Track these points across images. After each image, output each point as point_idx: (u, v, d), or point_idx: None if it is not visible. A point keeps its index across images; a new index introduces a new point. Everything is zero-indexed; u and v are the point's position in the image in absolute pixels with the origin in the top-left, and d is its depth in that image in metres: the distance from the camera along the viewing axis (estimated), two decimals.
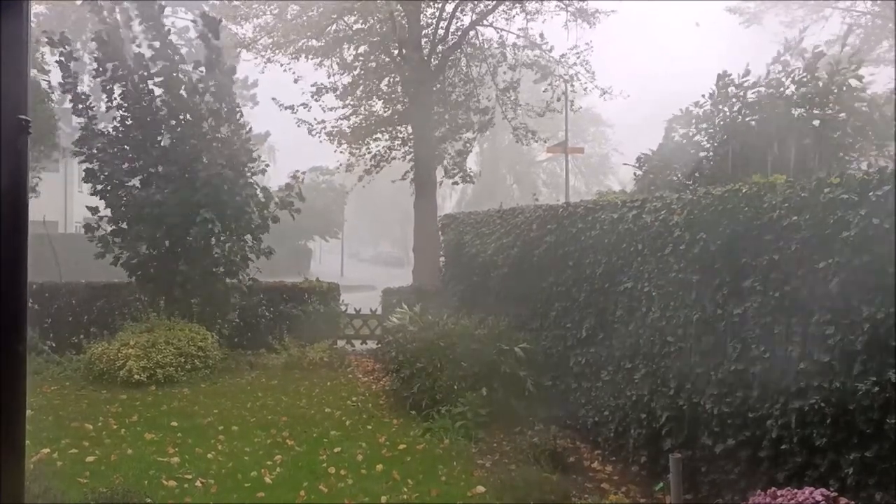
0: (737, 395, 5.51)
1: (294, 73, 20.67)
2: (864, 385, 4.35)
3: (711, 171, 8.61)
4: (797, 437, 4.88)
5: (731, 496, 5.51)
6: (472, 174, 21.28)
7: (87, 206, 12.78)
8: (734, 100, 8.87)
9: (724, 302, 5.73)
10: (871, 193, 4.44)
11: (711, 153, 8.96)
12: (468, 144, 20.89)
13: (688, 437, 6.10)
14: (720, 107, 9.02)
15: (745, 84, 8.83)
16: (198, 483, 6.33)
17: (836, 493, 4.11)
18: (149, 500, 5.63)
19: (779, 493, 4.23)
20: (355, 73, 20.59)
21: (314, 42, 20.20)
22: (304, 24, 19.82)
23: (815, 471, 4.72)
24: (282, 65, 20.53)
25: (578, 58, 20.61)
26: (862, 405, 4.38)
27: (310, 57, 20.36)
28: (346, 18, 19.92)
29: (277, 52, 20.16)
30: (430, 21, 19.96)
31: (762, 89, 8.73)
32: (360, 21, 19.80)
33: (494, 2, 20.07)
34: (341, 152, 21.42)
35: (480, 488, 6.46)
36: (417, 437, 8.04)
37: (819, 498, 4.01)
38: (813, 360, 4.78)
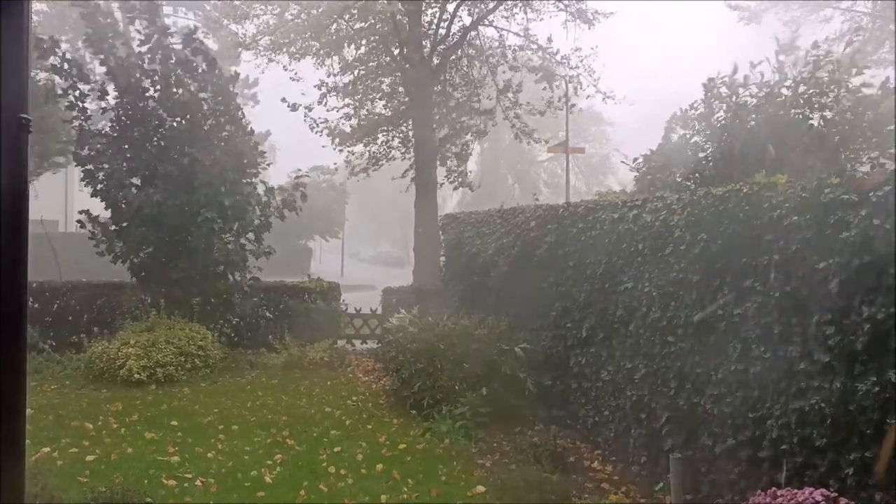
0: (737, 395, 5.51)
1: (295, 72, 20.70)
2: (865, 385, 4.35)
3: (710, 172, 8.62)
4: (797, 438, 4.88)
5: (731, 496, 5.51)
6: (472, 182, 21.28)
7: (79, 212, 12.80)
8: (728, 101, 8.91)
9: (723, 302, 5.73)
10: (871, 194, 4.43)
11: (710, 154, 8.97)
12: (466, 148, 20.88)
13: (688, 437, 6.10)
14: (714, 109, 9.07)
15: (737, 83, 8.87)
16: (198, 482, 6.34)
17: (836, 494, 4.11)
18: (149, 500, 5.63)
19: (779, 493, 4.23)
20: (356, 72, 20.60)
21: (314, 42, 20.21)
22: (305, 24, 19.83)
23: (815, 471, 4.72)
24: (284, 67, 20.56)
25: (581, 62, 20.63)
26: (862, 405, 4.38)
27: (309, 56, 20.37)
28: (346, 18, 19.93)
29: (279, 52, 20.17)
30: (431, 21, 19.96)
31: (753, 88, 8.77)
32: (361, 21, 19.82)
33: (496, 1, 20.07)
34: (340, 150, 21.45)
35: (480, 488, 6.46)
36: (417, 437, 8.04)
37: (819, 498, 4.01)
38: (813, 361, 4.78)
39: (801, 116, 8.25)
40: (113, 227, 12.50)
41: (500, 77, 20.63)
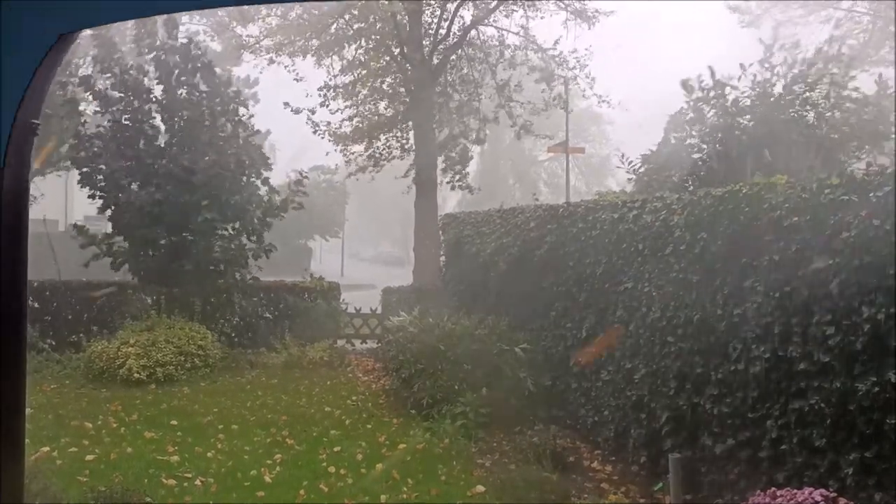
0: (737, 395, 5.51)
1: (297, 72, 20.71)
2: (864, 385, 4.35)
3: (706, 173, 8.63)
4: (797, 438, 4.88)
5: (730, 496, 5.51)
6: (471, 186, 21.35)
7: (72, 225, 12.96)
8: (716, 102, 8.95)
9: (724, 302, 5.73)
10: (871, 194, 4.44)
11: (704, 156, 9.00)
12: (466, 150, 20.89)
13: (688, 437, 6.10)
14: (704, 112, 9.11)
15: (721, 83, 8.92)
16: (197, 482, 6.34)
17: (835, 494, 4.11)
18: (148, 499, 5.63)
19: (778, 493, 4.23)
20: (356, 72, 20.61)
21: (315, 41, 20.23)
22: (306, 24, 19.86)
23: (814, 471, 4.72)
24: (286, 67, 20.59)
25: (578, 62, 20.65)
26: (862, 405, 4.38)
27: (309, 55, 20.40)
28: (346, 17, 19.94)
29: (280, 53, 20.19)
30: (430, 20, 19.96)
31: (745, 88, 8.81)
32: (361, 21, 19.83)
33: (496, 1, 20.07)
34: (341, 152, 21.48)
35: (480, 488, 6.46)
36: (417, 437, 8.04)
37: (818, 498, 4.00)
38: (813, 361, 4.78)
39: (795, 115, 8.27)
40: (112, 229, 12.59)
41: (500, 76, 20.63)
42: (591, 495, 6.38)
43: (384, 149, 20.97)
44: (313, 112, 20.15)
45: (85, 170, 12.33)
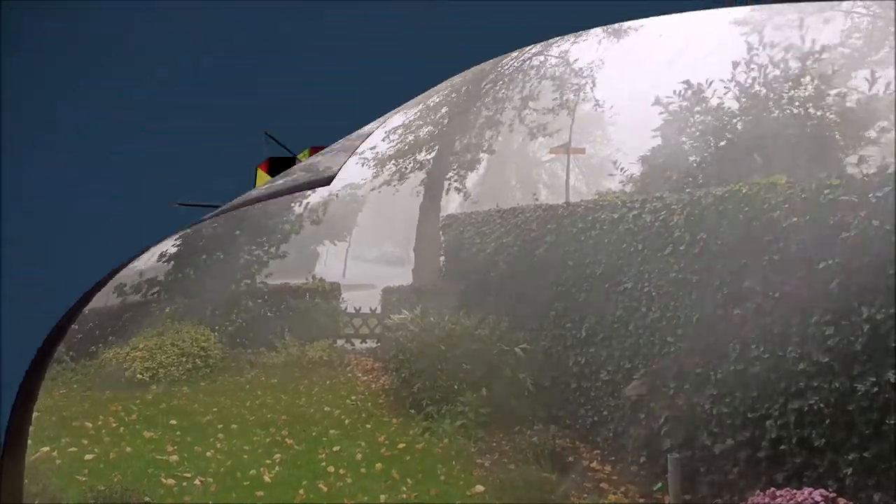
0: (736, 396, 5.50)
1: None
2: (864, 386, 4.35)
3: (704, 175, 8.64)
4: (796, 438, 4.88)
5: (729, 496, 5.51)
6: (467, 189, 21.43)
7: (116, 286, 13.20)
8: (696, 110, 8.98)
9: (724, 302, 5.72)
10: (871, 195, 4.43)
11: (698, 157, 9.00)
12: (474, 158, 20.88)
13: (687, 437, 6.09)
14: (685, 118, 9.14)
15: (701, 91, 8.97)
16: (197, 481, 6.33)
17: (834, 494, 4.11)
18: (147, 499, 5.63)
19: (778, 493, 4.23)
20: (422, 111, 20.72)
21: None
22: None
23: (813, 471, 4.71)
24: None
25: (591, 70, 20.72)
26: (861, 406, 4.38)
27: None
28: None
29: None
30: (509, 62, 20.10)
31: (724, 90, 8.83)
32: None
33: (565, 37, 20.13)
34: (375, 176, 21.61)
35: (480, 488, 6.45)
36: (417, 437, 8.02)
37: (818, 498, 4.00)
38: (812, 361, 4.78)
39: (781, 114, 8.28)
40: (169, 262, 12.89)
41: (525, 91, 20.72)
42: (591, 495, 6.37)
43: (411, 162, 21.02)
44: (373, 148, 20.29)
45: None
